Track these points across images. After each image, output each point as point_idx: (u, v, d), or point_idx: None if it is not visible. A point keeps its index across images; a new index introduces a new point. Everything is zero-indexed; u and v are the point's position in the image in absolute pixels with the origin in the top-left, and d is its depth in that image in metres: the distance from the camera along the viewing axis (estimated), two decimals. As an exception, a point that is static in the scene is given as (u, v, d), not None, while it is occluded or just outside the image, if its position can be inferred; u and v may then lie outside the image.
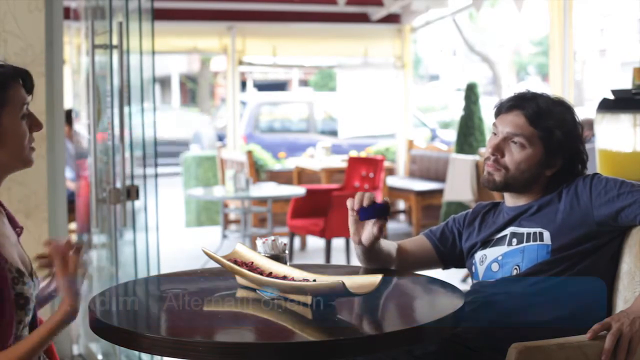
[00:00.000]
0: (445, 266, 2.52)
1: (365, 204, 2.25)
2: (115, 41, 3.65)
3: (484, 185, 2.39)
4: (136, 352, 3.57)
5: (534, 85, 23.99)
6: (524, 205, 2.35)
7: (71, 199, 4.93)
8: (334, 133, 11.62)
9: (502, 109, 2.37)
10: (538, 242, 2.26)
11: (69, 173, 5.40)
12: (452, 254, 2.49)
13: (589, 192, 2.25)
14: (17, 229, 2.00)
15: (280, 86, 22.60)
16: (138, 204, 3.80)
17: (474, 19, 19.63)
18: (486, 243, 2.38)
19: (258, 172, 8.73)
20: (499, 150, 2.33)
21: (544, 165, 2.32)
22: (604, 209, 2.22)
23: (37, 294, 1.94)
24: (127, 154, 3.73)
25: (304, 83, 23.55)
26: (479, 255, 2.39)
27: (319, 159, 9.03)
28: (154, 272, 3.72)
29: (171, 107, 24.07)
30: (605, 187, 2.24)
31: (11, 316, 1.78)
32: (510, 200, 2.40)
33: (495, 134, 2.36)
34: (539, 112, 2.30)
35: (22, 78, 1.87)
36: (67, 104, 5.23)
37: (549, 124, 2.29)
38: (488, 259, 2.35)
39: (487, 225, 2.43)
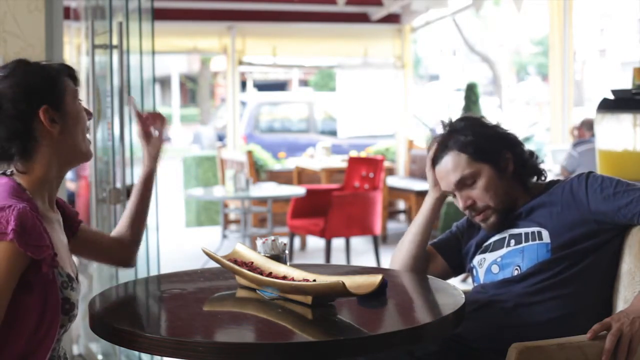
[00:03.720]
0: (456, 272, 2.52)
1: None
2: (115, 41, 3.65)
3: (490, 231, 2.36)
4: (136, 352, 3.57)
5: (534, 85, 24.00)
6: (517, 211, 2.36)
7: (71, 199, 4.93)
8: (334, 133, 11.62)
9: (436, 167, 2.38)
10: (537, 241, 2.26)
11: (69, 173, 5.40)
12: (459, 258, 2.49)
13: (584, 190, 2.25)
14: (75, 224, 2.11)
15: (280, 86, 22.61)
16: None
17: (480, 17, 19.63)
18: (485, 247, 2.38)
19: (258, 172, 8.73)
20: (468, 200, 2.33)
21: (501, 171, 2.32)
22: (601, 207, 2.22)
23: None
24: (127, 154, 3.73)
25: (304, 83, 23.56)
26: (477, 258, 2.40)
27: (319, 159, 9.02)
28: (154, 272, 3.71)
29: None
30: (601, 185, 2.24)
31: (56, 320, 1.80)
32: None
33: (454, 196, 2.36)
34: (453, 139, 2.32)
35: (68, 72, 1.96)
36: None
37: (467, 138, 2.30)
38: (487, 261, 2.35)
39: None
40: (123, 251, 2.24)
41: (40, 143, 1.86)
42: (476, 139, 2.31)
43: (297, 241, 7.96)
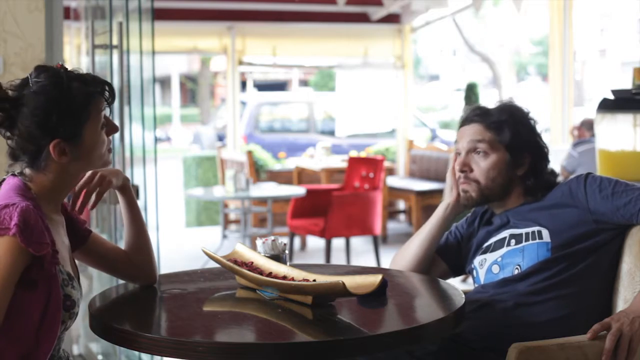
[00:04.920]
0: (455, 274, 2.53)
1: None
2: (115, 41, 3.65)
3: (463, 203, 2.42)
4: (136, 352, 3.57)
5: (534, 85, 24.00)
6: (514, 208, 2.36)
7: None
8: (334, 133, 11.62)
9: (460, 125, 2.44)
10: (537, 240, 2.27)
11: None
12: (459, 260, 2.49)
13: (583, 190, 2.26)
14: (84, 232, 2.10)
15: (280, 86, 22.61)
16: (138, 204, 3.80)
17: (480, 17, 19.62)
18: (485, 248, 2.39)
19: (258, 172, 8.73)
20: (466, 165, 2.37)
21: (513, 166, 2.35)
22: (600, 207, 2.22)
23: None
24: (127, 154, 3.73)
25: (304, 83, 23.56)
26: (478, 259, 2.40)
27: (319, 159, 9.03)
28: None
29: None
30: (600, 185, 2.25)
31: (58, 315, 1.81)
32: (498, 209, 2.41)
33: (459, 153, 2.41)
34: (493, 118, 2.37)
35: (106, 89, 1.94)
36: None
37: (506, 124, 2.35)
38: (488, 261, 2.36)
39: (484, 225, 2.44)
40: (130, 267, 2.19)
41: (49, 164, 1.88)
42: (510, 126, 2.35)
43: (297, 241, 7.96)
